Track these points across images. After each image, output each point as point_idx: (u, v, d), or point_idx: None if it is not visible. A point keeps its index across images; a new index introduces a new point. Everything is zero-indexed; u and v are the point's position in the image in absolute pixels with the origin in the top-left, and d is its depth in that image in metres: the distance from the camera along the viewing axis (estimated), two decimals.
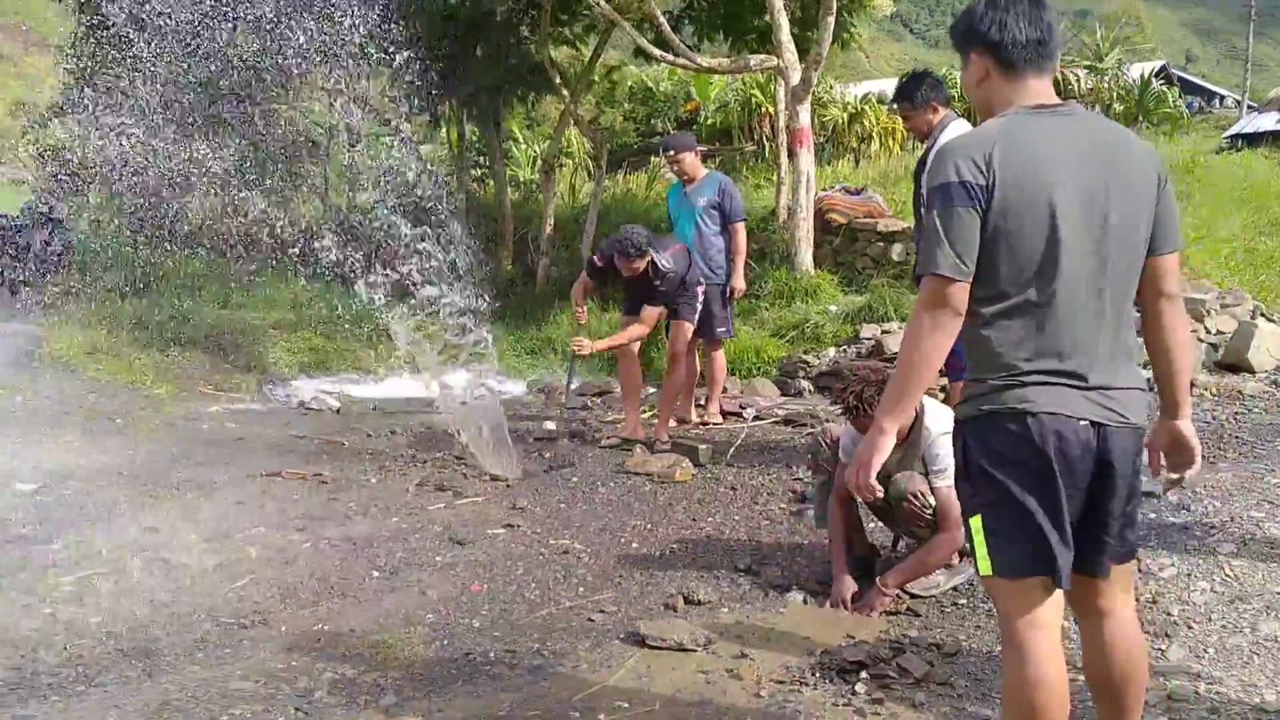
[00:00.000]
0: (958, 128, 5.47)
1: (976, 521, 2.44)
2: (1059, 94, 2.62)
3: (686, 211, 7.65)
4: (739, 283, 7.71)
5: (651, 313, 7.00)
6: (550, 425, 8.02)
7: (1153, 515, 4.81)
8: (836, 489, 4.44)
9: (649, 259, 6.82)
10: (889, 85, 26.63)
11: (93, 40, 12.75)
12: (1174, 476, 2.69)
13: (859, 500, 4.37)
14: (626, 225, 7.07)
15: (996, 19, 2.50)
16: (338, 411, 9.25)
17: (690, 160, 7.65)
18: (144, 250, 13.09)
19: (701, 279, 7.30)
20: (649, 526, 5.50)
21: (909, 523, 4.29)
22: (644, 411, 7.90)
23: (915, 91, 5.62)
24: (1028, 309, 2.37)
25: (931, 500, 4.14)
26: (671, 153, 7.79)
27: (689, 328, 7.23)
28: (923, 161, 5.73)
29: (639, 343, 7.38)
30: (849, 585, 4.31)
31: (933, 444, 4.17)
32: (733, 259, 7.65)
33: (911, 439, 4.24)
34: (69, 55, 14.09)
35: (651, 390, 8.52)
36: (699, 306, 7.25)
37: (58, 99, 14.55)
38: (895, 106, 5.96)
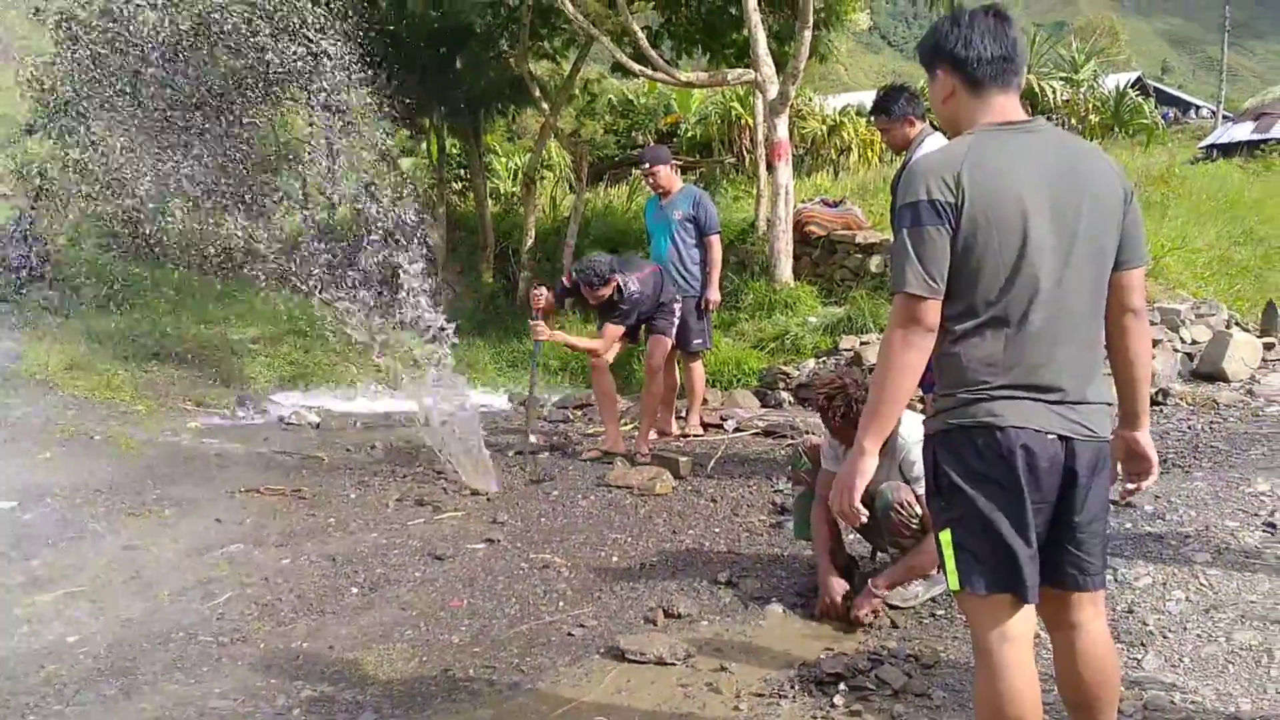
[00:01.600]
0: (934, 142, 5.47)
1: (946, 536, 2.46)
2: (1035, 106, 2.65)
3: (663, 225, 7.68)
4: (714, 294, 7.74)
5: (613, 330, 7.02)
6: (531, 439, 8.01)
7: (1128, 525, 4.85)
8: (820, 495, 4.43)
9: (614, 285, 6.86)
10: (867, 97, 26.77)
11: (70, 54, 12.71)
12: (1131, 486, 2.75)
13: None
14: (590, 256, 7.14)
15: (962, 36, 2.52)
16: (317, 427, 9.22)
17: (665, 173, 7.69)
18: (122, 265, 13.05)
19: (678, 296, 7.33)
20: (629, 540, 5.50)
21: (894, 534, 4.24)
22: (624, 424, 7.91)
23: (892, 105, 5.65)
24: (997, 324, 2.39)
25: (918, 510, 4.14)
26: (646, 165, 7.83)
27: (666, 341, 7.26)
28: (900, 175, 5.74)
29: (612, 355, 7.38)
30: (839, 585, 4.29)
31: (908, 451, 4.19)
32: (708, 271, 7.67)
33: (887, 449, 4.23)
34: (45, 69, 14.04)
35: (628, 403, 8.52)
36: (675, 320, 7.28)
37: (34, 113, 14.49)
38: (873, 119, 6.00)
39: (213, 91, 10.61)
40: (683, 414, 8.03)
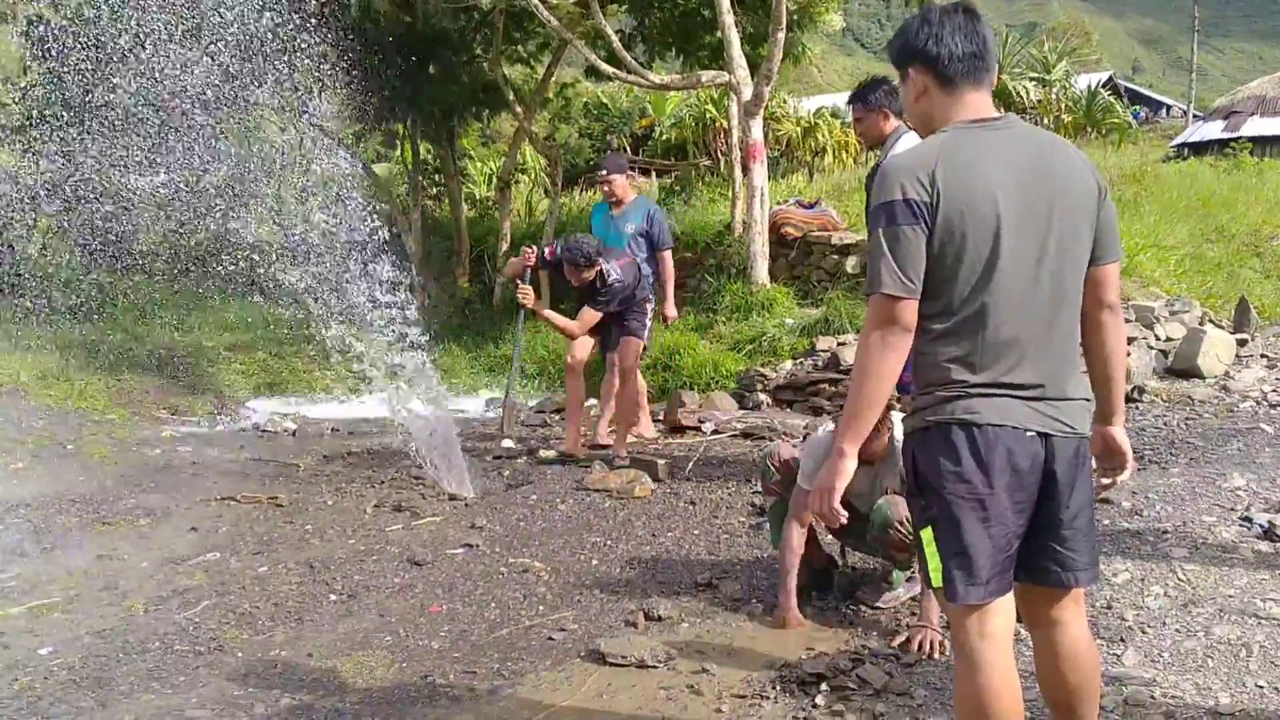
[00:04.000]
0: (909, 141, 5.38)
1: (927, 534, 2.46)
2: (1008, 106, 2.66)
3: (614, 235, 7.57)
4: (670, 310, 7.70)
5: (590, 315, 6.96)
6: (508, 443, 7.99)
7: (1106, 521, 4.86)
8: (794, 514, 4.34)
9: (598, 269, 6.82)
10: (841, 99, 26.87)
11: (41, 62, 12.62)
12: (1106, 481, 2.76)
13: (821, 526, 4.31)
14: (578, 235, 7.06)
15: (932, 34, 2.52)
16: (293, 434, 9.17)
17: (621, 183, 7.63)
18: (95, 273, 12.94)
19: (650, 294, 7.32)
20: (609, 543, 5.48)
21: (891, 548, 4.17)
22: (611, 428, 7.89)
23: (870, 94, 5.59)
24: (973, 322, 2.39)
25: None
26: (604, 173, 7.71)
27: (638, 343, 7.23)
28: (872, 174, 5.73)
29: (584, 353, 7.36)
30: (795, 617, 4.21)
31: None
32: (662, 286, 7.63)
33: (884, 457, 4.21)
34: (12, 77, 13.93)
35: (592, 403, 8.44)
36: (648, 321, 7.27)
37: (2, 121, 14.38)
38: (849, 107, 5.99)
39: (182, 98, 10.54)
40: (660, 418, 8.00)
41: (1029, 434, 2.39)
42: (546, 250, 7.20)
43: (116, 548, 5.60)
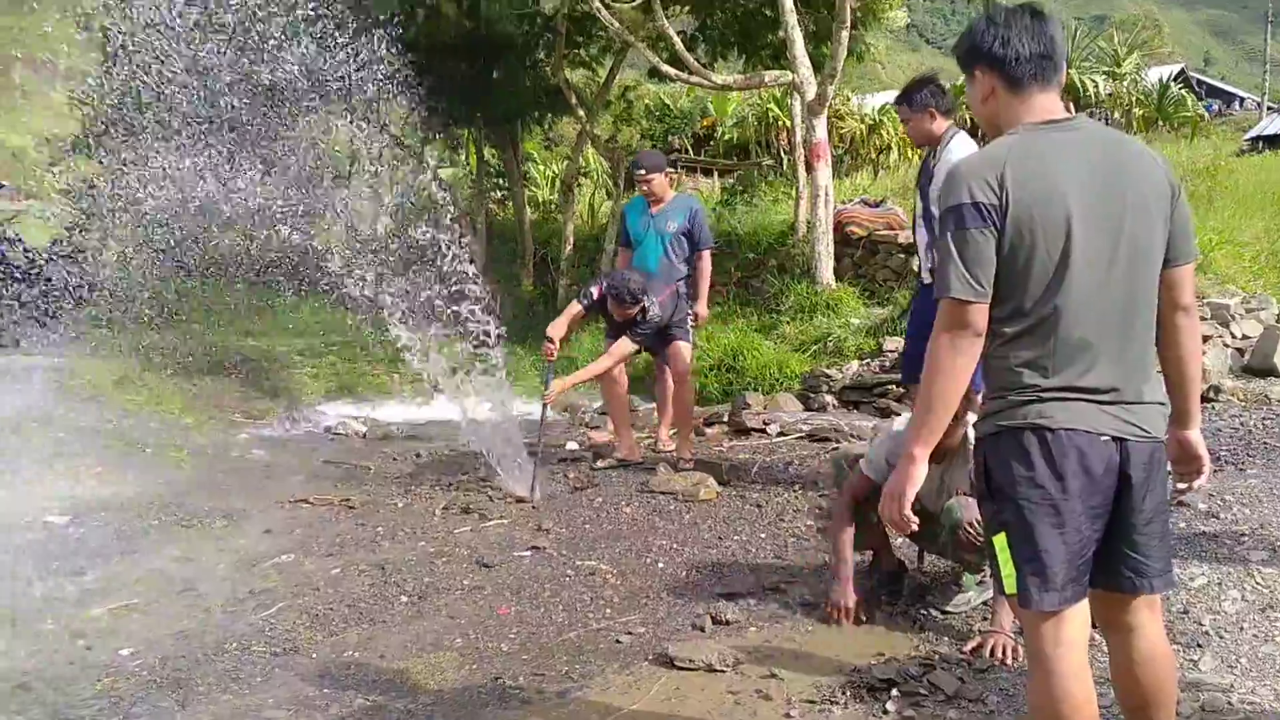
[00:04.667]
0: (961, 141, 5.43)
1: (1000, 539, 2.44)
2: (1077, 100, 2.63)
3: (654, 235, 7.40)
4: (703, 309, 7.58)
5: (625, 348, 6.97)
6: (573, 445, 8.03)
7: (1182, 524, 4.78)
8: (847, 490, 4.34)
9: (642, 305, 6.81)
10: None
11: (115, 72, 12.92)
12: (1182, 486, 2.72)
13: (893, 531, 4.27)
14: (624, 272, 7.01)
15: (999, 35, 2.50)
16: (363, 436, 9.31)
17: (660, 181, 7.42)
18: (170, 280, 13.22)
19: (689, 309, 7.30)
20: (675, 546, 5.49)
21: (961, 550, 4.15)
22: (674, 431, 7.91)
23: (915, 94, 5.53)
24: (1045, 325, 2.37)
25: None
26: (643, 172, 7.41)
27: (687, 347, 7.23)
28: (923, 172, 5.69)
29: (620, 365, 7.36)
30: (850, 594, 4.21)
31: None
32: (696, 284, 7.51)
33: (954, 456, 4.15)
34: (92, 88, 14.28)
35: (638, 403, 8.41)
36: (690, 329, 7.29)
37: (80, 132, 14.75)
38: (894, 108, 5.95)
39: (255, 106, 10.74)
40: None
41: (1103, 438, 2.36)
42: (594, 291, 7.08)
43: (194, 549, 5.72)
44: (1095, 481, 2.36)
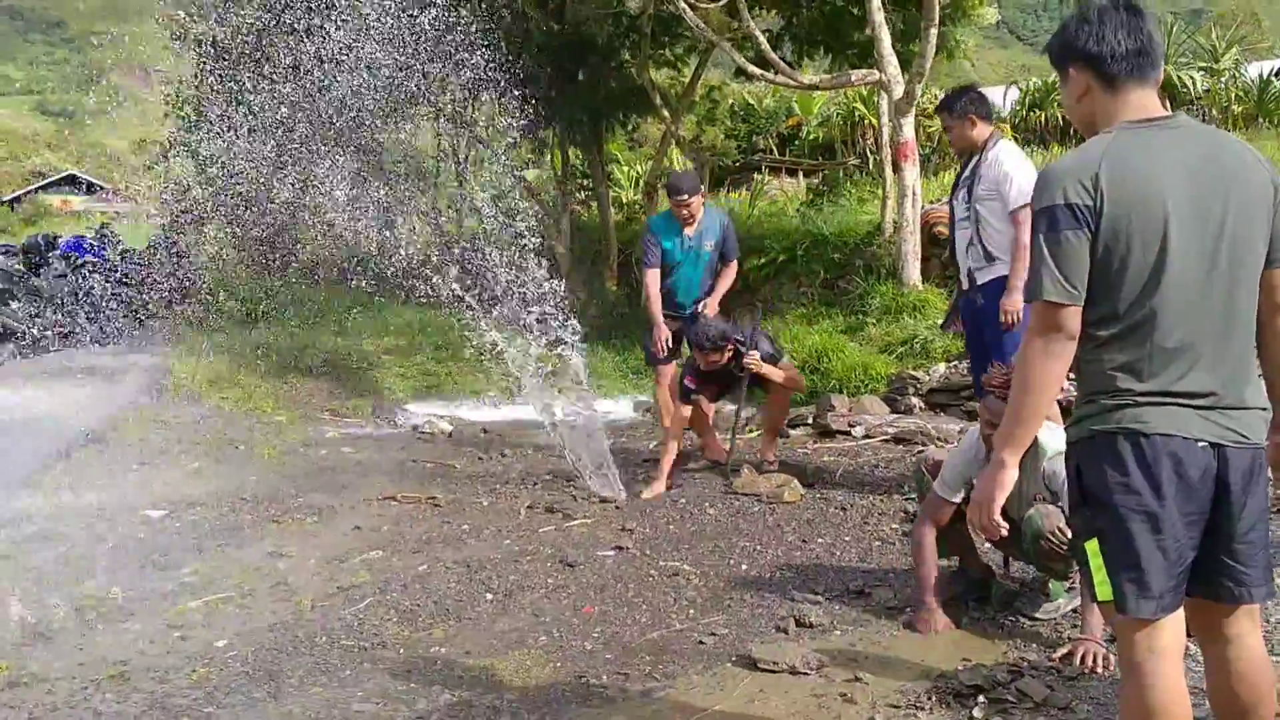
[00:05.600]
0: (1007, 148, 5.72)
1: (1092, 545, 2.39)
2: (1173, 97, 2.57)
3: (693, 255, 7.34)
4: (714, 307, 7.46)
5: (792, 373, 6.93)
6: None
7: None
8: (924, 517, 4.32)
9: (730, 347, 6.67)
10: (996, 94, 26.18)
11: (208, 78, 13.27)
12: None
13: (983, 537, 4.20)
14: (702, 320, 6.90)
15: (1093, 32, 2.44)
16: (449, 435, 9.43)
17: (699, 204, 7.30)
18: (263, 281, 13.54)
19: (767, 337, 7.16)
20: (758, 548, 5.48)
21: (1043, 559, 4.09)
22: (751, 431, 7.88)
23: (955, 103, 5.78)
24: (1141, 328, 2.32)
25: (1068, 534, 3.89)
26: (684, 197, 7.20)
27: (783, 360, 7.12)
28: (961, 178, 5.90)
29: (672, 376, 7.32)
30: (938, 619, 4.18)
31: (1050, 462, 4.03)
32: (715, 287, 7.44)
33: (1028, 459, 4.07)
34: (185, 93, 14.67)
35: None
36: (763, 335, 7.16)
37: (175, 135, 15.15)
38: (938, 115, 6.09)
39: (345, 108, 10.96)
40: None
41: (1200, 444, 2.30)
42: (690, 382, 6.94)
43: (285, 545, 5.85)
44: (1191, 488, 2.30)
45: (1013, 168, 5.57)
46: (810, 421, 8.45)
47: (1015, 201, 5.46)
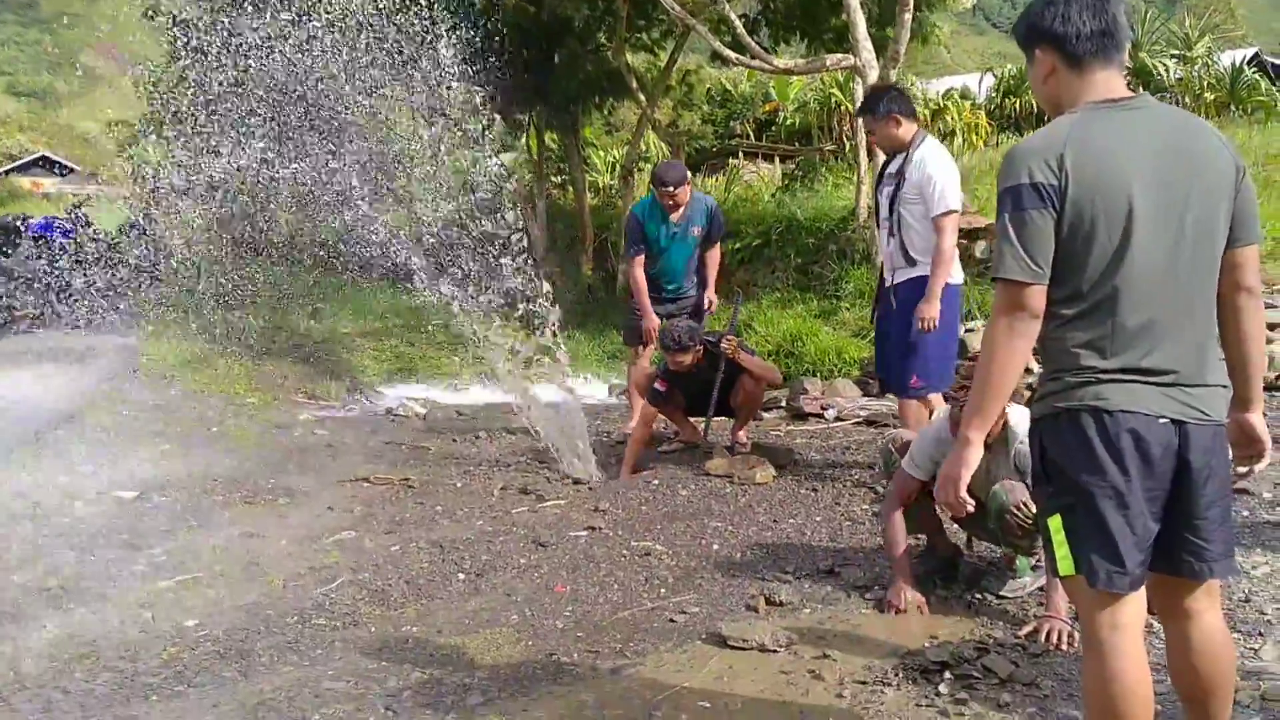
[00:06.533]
0: (931, 145, 5.72)
1: (1055, 521, 2.42)
2: (1147, 85, 2.59)
3: (679, 242, 7.40)
4: (713, 295, 7.63)
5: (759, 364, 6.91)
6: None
7: (1245, 513, 4.71)
8: (895, 491, 4.37)
9: (699, 348, 6.64)
10: (971, 80, 26.25)
11: (182, 58, 13.14)
12: (1242, 470, 2.67)
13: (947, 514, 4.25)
14: (672, 323, 6.84)
15: (1059, 13, 2.47)
16: (423, 418, 9.41)
17: (685, 193, 7.33)
18: (236, 263, 13.45)
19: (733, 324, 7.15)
20: (730, 528, 5.51)
21: (1008, 534, 4.12)
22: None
23: (877, 104, 5.79)
24: (1105, 307, 2.35)
25: (1033, 509, 3.94)
26: (671, 188, 7.23)
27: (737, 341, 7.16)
28: (886, 174, 5.91)
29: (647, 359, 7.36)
30: (910, 595, 4.20)
31: (1022, 443, 4.06)
32: (706, 274, 7.54)
33: (1000, 442, 4.12)
34: (158, 74, 14.55)
35: None
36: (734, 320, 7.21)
37: (148, 116, 15.03)
38: (861, 119, 6.12)
39: (316, 90, 10.87)
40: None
41: (1161, 421, 2.33)
42: (660, 386, 6.86)
43: (258, 526, 5.84)
44: (1153, 464, 2.33)
45: (936, 170, 5.55)
46: (783, 404, 8.49)
47: (938, 208, 5.48)
